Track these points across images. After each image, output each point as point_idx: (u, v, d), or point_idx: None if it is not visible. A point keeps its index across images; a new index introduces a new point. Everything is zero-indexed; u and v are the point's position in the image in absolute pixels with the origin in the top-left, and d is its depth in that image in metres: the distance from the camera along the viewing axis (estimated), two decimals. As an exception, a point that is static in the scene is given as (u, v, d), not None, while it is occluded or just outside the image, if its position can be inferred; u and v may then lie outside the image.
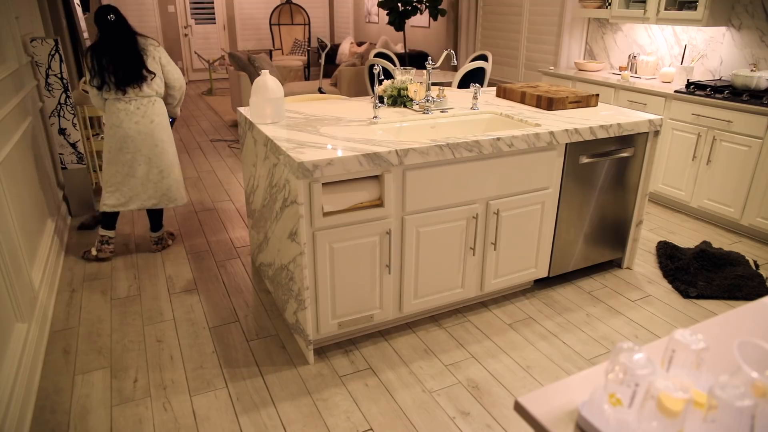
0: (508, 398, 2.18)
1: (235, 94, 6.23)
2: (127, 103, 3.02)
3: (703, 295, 2.90)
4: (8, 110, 2.76)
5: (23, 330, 2.34)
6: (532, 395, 0.94)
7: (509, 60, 6.15)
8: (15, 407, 1.96)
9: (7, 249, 2.31)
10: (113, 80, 2.98)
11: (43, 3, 4.48)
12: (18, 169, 2.83)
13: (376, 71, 2.58)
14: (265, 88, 2.56)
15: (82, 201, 3.94)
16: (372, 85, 5.42)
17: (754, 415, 0.74)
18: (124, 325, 2.66)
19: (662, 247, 3.35)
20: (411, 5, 6.06)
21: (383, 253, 2.35)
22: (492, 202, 2.54)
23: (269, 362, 2.39)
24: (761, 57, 3.79)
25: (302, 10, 9.62)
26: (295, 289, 2.36)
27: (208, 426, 2.04)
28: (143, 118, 3.05)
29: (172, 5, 9.41)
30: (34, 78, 3.68)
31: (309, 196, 2.12)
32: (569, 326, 2.66)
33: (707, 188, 3.75)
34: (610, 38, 4.96)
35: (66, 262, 3.29)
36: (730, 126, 3.53)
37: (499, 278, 2.73)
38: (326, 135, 2.43)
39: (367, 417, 2.08)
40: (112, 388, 2.24)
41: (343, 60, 8.44)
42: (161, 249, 3.44)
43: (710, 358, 1.05)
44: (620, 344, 0.85)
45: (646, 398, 0.79)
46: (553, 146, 2.60)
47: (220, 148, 5.79)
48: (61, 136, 3.77)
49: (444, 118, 2.84)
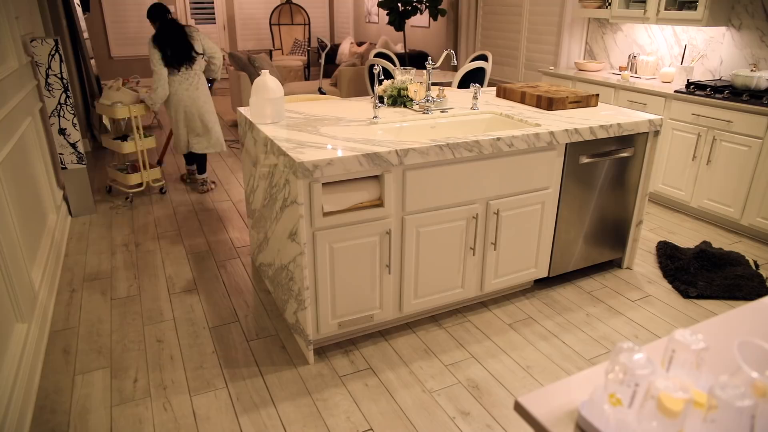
0: (508, 398, 2.18)
1: (235, 94, 6.23)
2: (181, 77, 4.08)
3: (703, 295, 2.90)
4: (8, 110, 2.76)
5: (23, 330, 2.34)
6: (532, 395, 0.94)
7: (509, 60, 6.15)
8: (15, 407, 1.96)
9: (7, 249, 2.31)
10: (173, 62, 4.01)
11: (43, 3, 4.48)
12: (18, 169, 2.83)
13: (376, 71, 2.58)
14: (265, 88, 2.56)
15: (82, 201, 3.94)
16: (372, 85, 5.42)
17: (754, 415, 0.74)
18: (124, 325, 2.66)
19: (662, 247, 3.35)
20: (411, 5, 6.06)
21: (383, 253, 2.35)
22: (492, 202, 2.54)
23: (269, 362, 2.39)
24: (761, 57, 3.79)
25: (302, 10, 9.61)
26: (295, 289, 2.36)
27: (208, 426, 2.04)
28: (192, 87, 4.13)
29: (172, 5, 9.41)
30: (34, 78, 3.68)
31: (309, 196, 2.12)
32: (569, 326, 2.66)
33: (707, 188, 3.75)
34: (610, 38, 4.96)
35: (66, 262, 3.30)
36: (730, 126, 3.53)
37: (499, 278, 2.73)
38: (326, 135, 2.43)
39: (367, 417, 2.08)
40: (112, 388, 2.24)
41: (343, 60, 8.44)
42: (206, 191, 4.47)
43: (710, 358, 1.05)
44: (620, 344, 0.85)
45: (646, 398, 0.79)
46: (553, 146, 2.60)
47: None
48: (61, 136, 3.77)
49: (444, 118, 2.84)
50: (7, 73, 2.91)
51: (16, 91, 3.07)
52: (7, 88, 2.86)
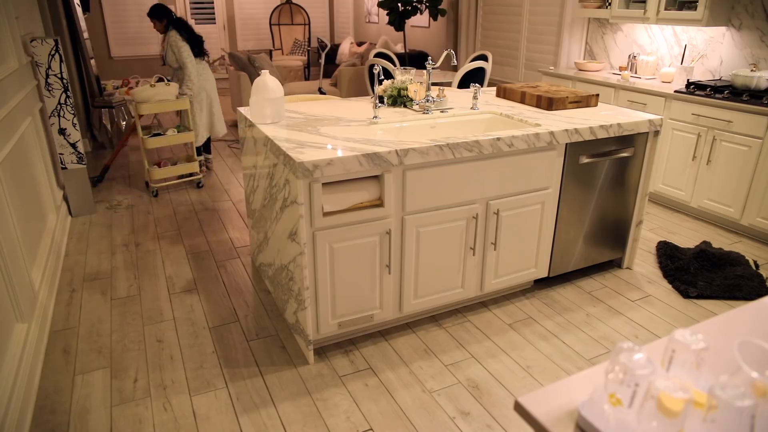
0: (508, 398, 2.18)
1: (235, 94, 6.23)
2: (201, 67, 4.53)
3: (703, 295, 2.90)
4: (8, 110, 2.76)
5: (23, 330, 2.34)
6: (532, 395, 0.94)
7: (509, 60, 6.15)
8: (15, 407, 1.96)
9: (7, 249, 2.31)
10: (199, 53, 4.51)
11: (43, 3, 4.48)
12: (18, 169, 2.83)
13: (376, 71, 2.58)
14: (265, 88, 2.56)
15: (82, 201, 3.94)
16: (372, 85, 5.42)
17: (754, 415, 0.74)
18: (124, 325, 2.66)
19: (662, 247, 3.35)
20: (411, 5, 6.06)
21: (383, 253, 2.35)
22: (492, 202, 2.54)
23: (269, 362, 2.39)
24: (761, 57, 3.79)
25: (302, 10, 9.61)
26: (295, 289, 2.36)
27: (208, 426, 2.04)
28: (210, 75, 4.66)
29: (172, 5, 9.41)
30: (34, 78, 3.68)
31: (309, 196, 2.12)
32: (569, 326, 2.66)
33: (707, 188, 3.75)
34: (610, 38, 4.96)
35: (66, 262, 3.30)
36: (730, 126, 3.53)
37: (499, 278, 2.73)
38: (326, 135, 2.43)
39: (367, 417, 2.08)
40: (112, 388, 2.24)
41: (343, 60, 8.44)
42: (207, 170, 4.98)
43: (710, 358, 1.05)
44: (620, 344, 0.85)
45: (646, 398, 0.79)
46: (553, 146, 2.60)
47: (220, 148, 5.79)
48: (61, 136, 3.77)
49: (444, 118, 2.84)
50: (7, 73, 2.91)
51: (16, 91, 3.07)
52: (7, 88, 2.86)
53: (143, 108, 4.13)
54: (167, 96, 4.25)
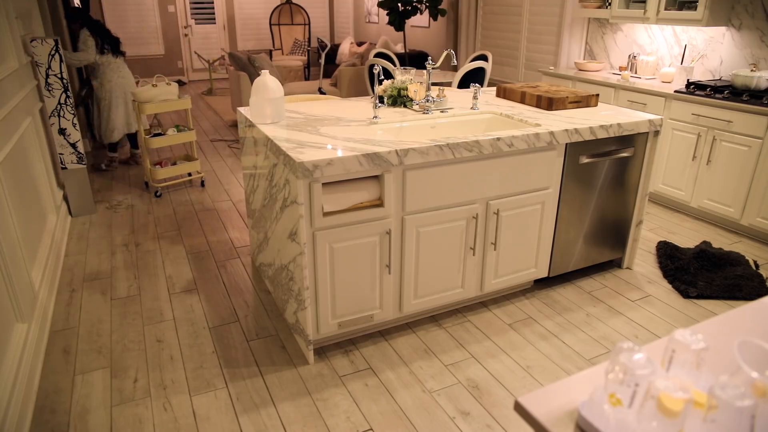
0: (508, 398, 2.18)
1: (235, 94, 6.23)
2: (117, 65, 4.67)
3: (703, 295, 2.90)
4: (8, 110, 2.76)
5: (23, 330, 2.34)
6: (532, 395, 0.94)
7: (509, 60, 6.15)
8: (15, 407, 1.96)
9: (7, 249, 2.31)
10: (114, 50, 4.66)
11: (43, 3, 4.48)
12: (18, 169, 2.83)
13: (376, 71, 2.58)
14: (265, 88, 2.56)
15: (82, 201, 3.94)
16: (372, 85, 5.42)
17: (754, 415, 0.74)
18: (124, 325, 2.66)
19: (662, 247, 3.35)
20: (411, 5, 6.06)
21: (383, 253, 2.35)
22: (492, 202, 2.54)
23: (269, 362, 2.39)
24: (761, 57, 3.79)
25: (302, 10, 9.61)
26: (295, 289, 2.36)
27: (208, 426, 2.04)
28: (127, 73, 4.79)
29: (172, 5, 9.41)
30: (34, 78, 3.68)
31: (309, 196, 2.12)
32: (569, 326, 2.66)
33: (707, 188, 3.75)
34: (610, 38, 4.96)
35: (66, 262, 3.30)
36: (730, 126, 3.53)
37: (499, 278, 2.73)
38: (326, 135, 2.43)
39: (367, 417, 2.08)
40: (112, 388, 2.24)
41: (343, 60, 8.44)
42: (136, 164, 5.12)
43: (710, 358, 1.05)
44: (620, 344, 0.85)
45: (646, 398, 0.79)
46: (553, 146, 2.60)
47: (220, 148, 5.79)
48: (61, 136, 3.77)
49: (444, 118, 2.84)
50: (7, 73, 2.91)
51: (16, 91, 3.07)
52: (7, 88, 2.86)
53: (147, 108, 4.14)
54: (170, 96, 4.25)
